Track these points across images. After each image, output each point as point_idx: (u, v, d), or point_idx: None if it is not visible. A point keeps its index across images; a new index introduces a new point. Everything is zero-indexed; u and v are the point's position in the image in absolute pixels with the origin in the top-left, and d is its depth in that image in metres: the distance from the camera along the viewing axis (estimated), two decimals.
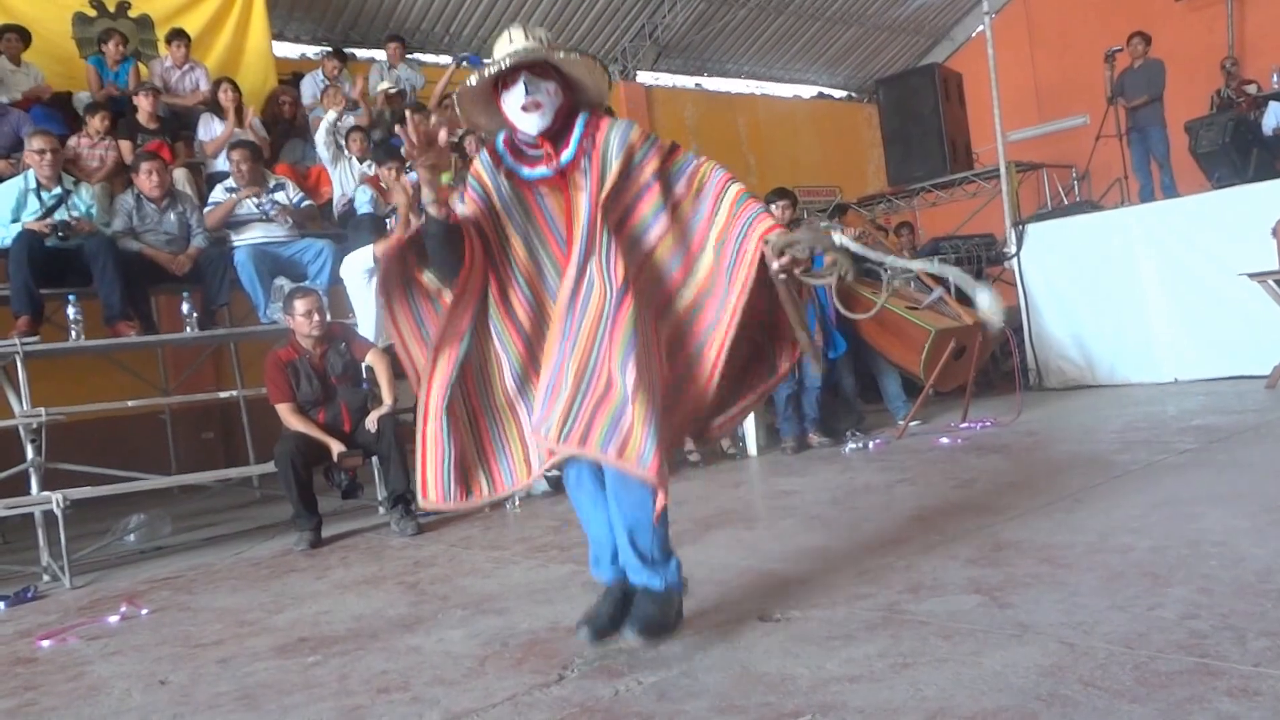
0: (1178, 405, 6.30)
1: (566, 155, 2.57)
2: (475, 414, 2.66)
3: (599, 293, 2.50)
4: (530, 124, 2.53)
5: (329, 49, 8.83)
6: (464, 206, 2.62)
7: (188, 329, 5.69)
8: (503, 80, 2.54)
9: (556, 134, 2.58)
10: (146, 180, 5.96)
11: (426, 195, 2.51)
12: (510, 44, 2.52)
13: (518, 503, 5.33)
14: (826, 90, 14.37)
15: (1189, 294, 7.37)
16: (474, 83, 2.56)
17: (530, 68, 2.51)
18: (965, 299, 7.93)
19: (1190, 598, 2.58)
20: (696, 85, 12.63)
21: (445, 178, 2.49)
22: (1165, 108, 9.53)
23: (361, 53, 10.08)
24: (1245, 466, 4.23)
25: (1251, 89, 9.95)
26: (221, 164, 6.86)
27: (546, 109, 2.51)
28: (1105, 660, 2.21)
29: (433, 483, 2.61)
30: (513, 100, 2.52)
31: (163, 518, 5.74)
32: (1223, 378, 7.14)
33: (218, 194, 6.28)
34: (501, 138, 2.67)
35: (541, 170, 2.60)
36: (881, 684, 2.24)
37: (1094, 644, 2.32)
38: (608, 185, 2.54)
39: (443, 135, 2.51)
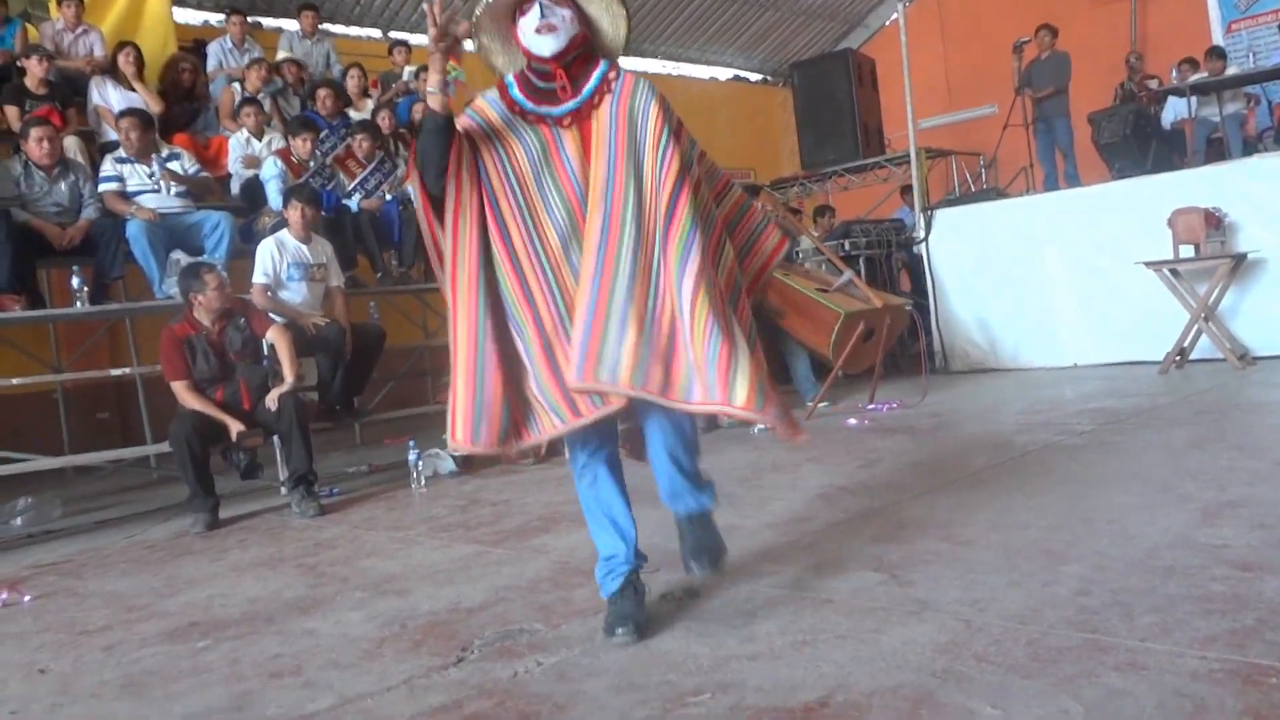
0: (1076, 389, 6.46)
1: (583, 94, 2.54)
2: (502, 356, 2.53)
3: (643, 237, 2.46)
4: (543, 46, 2.49)
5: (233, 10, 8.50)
6: (458, 123, 2.55)
7: (78, 303, 5.46)
8: (519, 9, 2.53)
9: (573, 70, 2.55)
10: (36, 147, 5.71)
11: (433, 81, 2.45)
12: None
13: (423, 482, 5.25)
14: (742, 73, 14.41)
15: (1089, 281, 7.57)
16: (492, 5, 2.55)
17: None
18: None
19: (1083, 574, 2.63)
20: None
21: (453, 73, 2.42)
22: (1070, 99, 9.75)
23: (268, 21, 9.78)
24: (1138, 448, 4.35)
25: (1153, 84, 10.24)
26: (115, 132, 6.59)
27: (560, 33, 2.48)
28: (1000, 636, 2.24)
29: (462, 424, 2.47)
30: (528, 24, 2.50)
31: (52, 500, 5.51)
32: (1119, 363, 7.35)
33: (107, 166, 6.01)
34: (513, 75, 2.63)
35: (558, 107, 2.55)
36: (781, 661, 2.24)
37: (989, 620, 2.35)
38: (650, 134, 2.52)
39: (463, 28, 2.43)
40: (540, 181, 2.53)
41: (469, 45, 2.57)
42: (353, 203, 6.83)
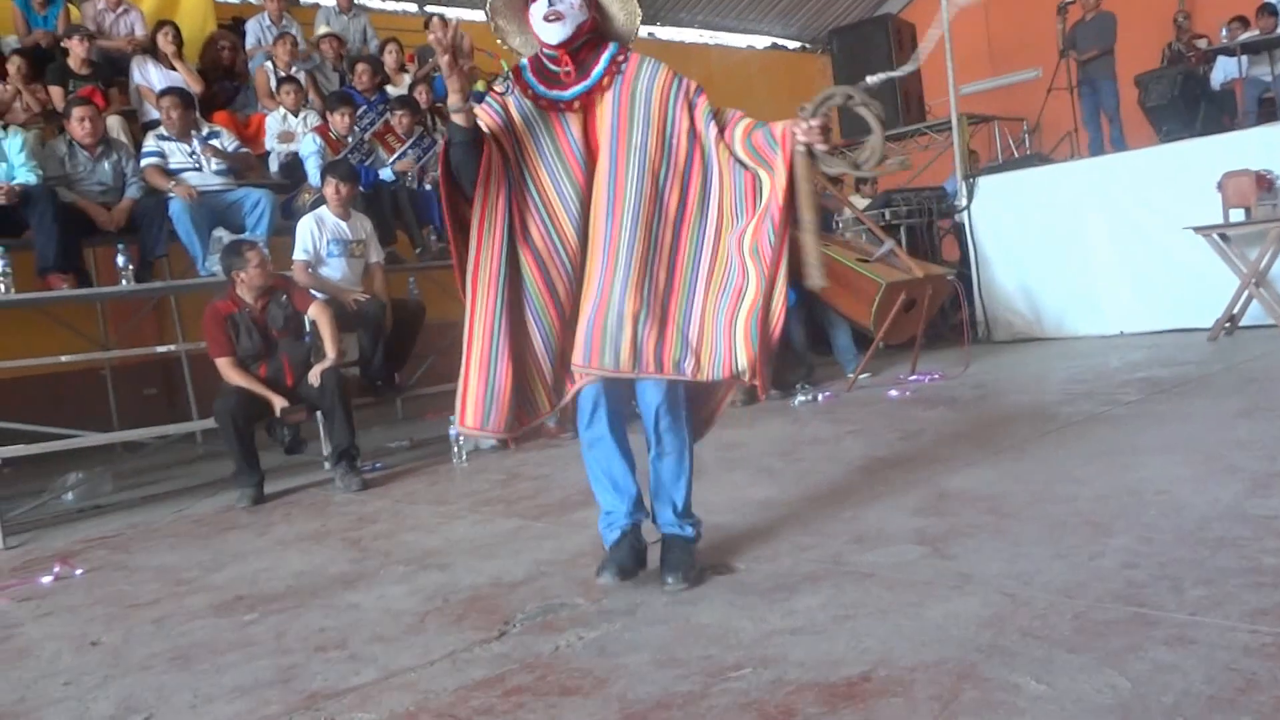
0: (1122, 357, 6.36)
1: (591, 79, 2.62)
2: (514, 350, 2.66)
3: (646, 222, 2.59)
4: (551, 34, 2.58)
5: None
6: (482, 120, 2.63)
7: (123, 282, 5.52)
8: None
9: (580, 55, 2.62)
10: (79, 127, 5.77)
11: (454, 102, 2.52)
12: None
13: (464, 457, 5.28)
14: (780, 41, 14.23)
15: (1136, 247, 7.42)
16: None
17: None
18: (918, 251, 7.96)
19: (1130, 547, 2.59)
20: (650, 34, 12.41)
21: (479, 86, 2.49)
22: (1116, 61, 9.54)
23: None
24: (1186, 418, 4.27)
25: (1201, 43, 9.99)
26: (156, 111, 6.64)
27: (568, 21, 2.56)
28: (1045, 610, 2.22)
29: (473, 409, 2.62)
30: (537, 11, 2.58)
31: (102, 476, 5.63)
32: (1167, 330, 7.22)
33: (149, 142, 6.07)
34: (527, 60, 2.70)
35: (565, 92, 2.63)
36: (823, 636, 2.23)
37: (1034, 594, 2.33)
38: (648, 120, 2.61)
39: (466, 42, 2.49)
40: (553, 169, 2.63)
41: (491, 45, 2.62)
42: (386, 172, 6.82)
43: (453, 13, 10.26)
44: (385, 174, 6.80)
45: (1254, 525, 2.65)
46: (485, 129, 2.61)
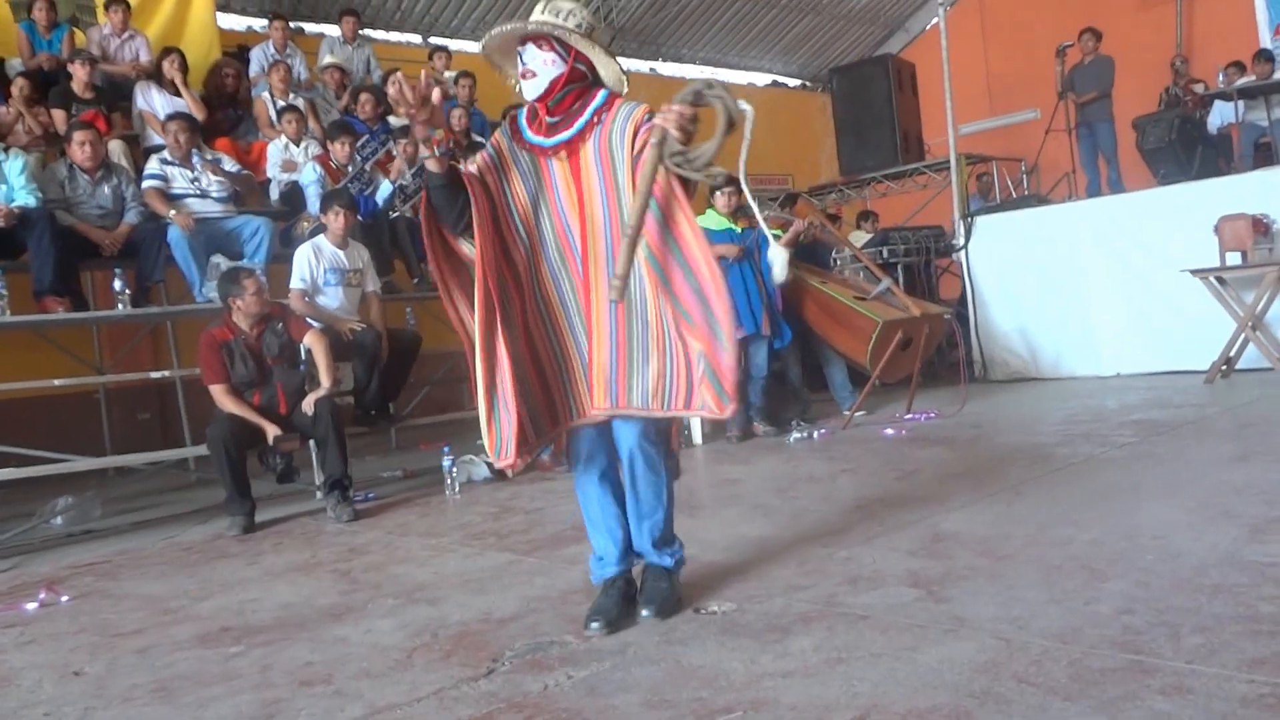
0: (1119, 399, 6.35)
1: (573, 129, 2.65)
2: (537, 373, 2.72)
3: (645, 268, 2.59)
4: (526, 90, 2.65)
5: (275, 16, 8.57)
6: (472, 166, 2.70)
7: (119, 306, 5.51)
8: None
9: (564, 104, 2.66)
10: (79, 151, 5.78)
11: (423, 151, 2.58)
12: (527, 16, 2.66)
13: (457, 489, 5.24)
14: (781, 78, 14.33)
15: (1132, 289, 7.44)
16: (487, 44, 2.70)
17: (534, 39, 2.62)
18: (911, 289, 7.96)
19: (1126, 592, 2.57)
20: (651, 70, 12.49)
21: (437, 133, 2.55)
22: (1114, 104, 9.61)
23: (310, 27, 9.85)
24: (1183, 461, 4.26)
25: (1199, 88, 10.07)
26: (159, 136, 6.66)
27: (541, 77, 2.62)
28: (1040, 656, 2.19)
29: (516, 442, 2.60)
30: (517, 67, 2.66)
31: (92, 500, 5.57)
32: (1163, 372, 7.23)
33: (152, 164, 6.08)
34: (525, 107, 2.76)
35: (548, 139, 2.68)
36: (815, 679, 2.20)
37: (1029, 639, 2.30)
38: (623, 158, 2.62)
39: (436, 94, 2.54)
40: (538, 213, 2.69)
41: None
42: (385, 187, 6.79)
43: (456, 45, 10.34)
44: (383, 190, 6.78)
45: (1251, 572, 2.63)
46: (476, 168, 2.67)
